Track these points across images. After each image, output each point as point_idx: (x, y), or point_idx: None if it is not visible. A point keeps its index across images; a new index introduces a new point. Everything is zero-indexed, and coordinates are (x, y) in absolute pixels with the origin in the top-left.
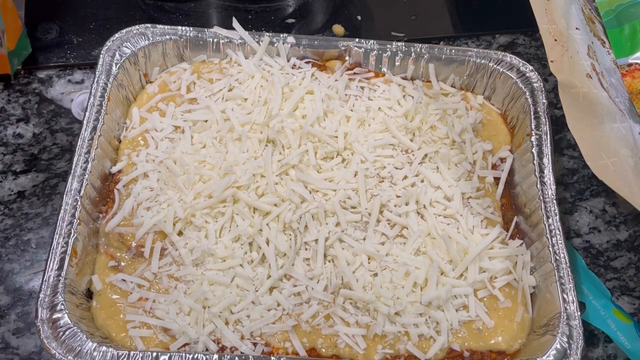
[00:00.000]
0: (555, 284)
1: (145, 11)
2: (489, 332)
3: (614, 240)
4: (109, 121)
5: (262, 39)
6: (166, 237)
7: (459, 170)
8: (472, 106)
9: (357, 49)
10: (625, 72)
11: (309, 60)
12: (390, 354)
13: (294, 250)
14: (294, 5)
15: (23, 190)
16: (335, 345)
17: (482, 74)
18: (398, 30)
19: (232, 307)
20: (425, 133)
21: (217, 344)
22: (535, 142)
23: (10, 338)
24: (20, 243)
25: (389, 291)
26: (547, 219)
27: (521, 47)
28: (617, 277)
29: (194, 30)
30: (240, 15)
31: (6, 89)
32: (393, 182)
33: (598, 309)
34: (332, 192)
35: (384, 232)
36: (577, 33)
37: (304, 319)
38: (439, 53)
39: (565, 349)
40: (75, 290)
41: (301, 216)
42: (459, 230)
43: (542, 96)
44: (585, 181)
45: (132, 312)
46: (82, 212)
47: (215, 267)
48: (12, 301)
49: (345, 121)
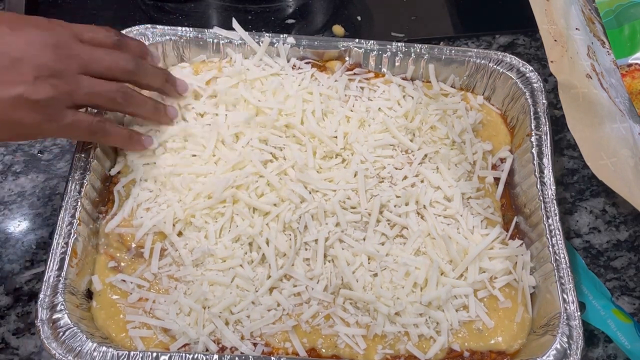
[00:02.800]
0: (555, 284)
1: (145, 12)
2: (489, 332)
3: (614, 240)
4: None
5: (262, 39)
6: (166, 237)
7: (459, 170)
8: (472, 106)
9: (357, 49)
10: (625, 72)
11: (309, 61)
12: (390, 354)
13: (294, 250)
14: (294, 5)
15: (23, 191)
16: (335, 346)
17: (482, 75)
18: (398, 30)
19: (232, 307)
20: (425, 133)
21: (217, 344)
22: (535, 143)
23: (10, 338)
24: (20, 243)
25: (389, 291)
26: (547, 219)
27: (521, 47)
28: (617, 277)
29: (194, 30)
30: (240, 15)
31: None
32: (393, 182)
33: (598, 309)
34: (332, 192)
35: (383, 232)
36: (577, 33)
37: (304, 319)
38: (439, 53)
39: (565, 349)
40: (75, 291)
41: (301, 216)
42: (459, 230)
43: (542, 96)
44: (585, 181)
45: (132, 313)
46: (82, 213)
47: (215, 268)
48: (12, 301)
49: (345, 121)
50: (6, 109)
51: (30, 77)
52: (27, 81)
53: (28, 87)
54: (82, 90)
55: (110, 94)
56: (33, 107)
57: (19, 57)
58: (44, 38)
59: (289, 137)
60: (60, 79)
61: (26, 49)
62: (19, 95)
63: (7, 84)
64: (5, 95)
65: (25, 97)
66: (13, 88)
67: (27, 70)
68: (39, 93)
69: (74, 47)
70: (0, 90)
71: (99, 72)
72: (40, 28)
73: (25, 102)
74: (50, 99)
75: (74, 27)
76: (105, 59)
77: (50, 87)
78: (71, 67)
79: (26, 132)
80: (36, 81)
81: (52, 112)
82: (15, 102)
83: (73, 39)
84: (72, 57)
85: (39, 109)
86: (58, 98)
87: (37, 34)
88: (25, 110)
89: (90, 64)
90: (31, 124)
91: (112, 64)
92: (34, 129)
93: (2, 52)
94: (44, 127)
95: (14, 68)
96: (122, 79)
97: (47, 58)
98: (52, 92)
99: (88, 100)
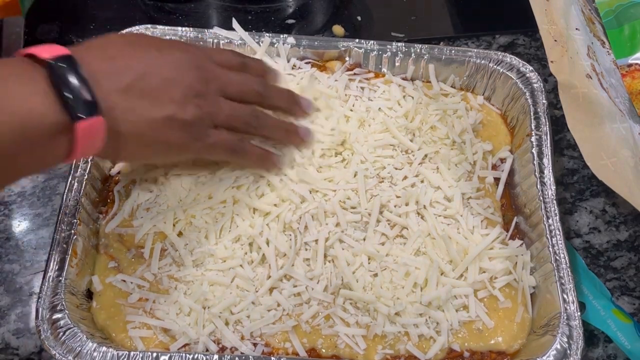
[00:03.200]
0: (555, 284)
1: (145, 12)
2: (489, 332)
3: (614, 240)
4: None
5: (262, 39)
6: (166, 237)
7: (459, 170)
8: (472, 106)
9: (357, 49)
10: (625, 72)
11: (309, 61)
12: (390, 354)
13: (294, 250)
14: (294, 5)
15: (23, 191)
16: (335, 346)
17: (482, 75)
18: (398, 30)
19: (232, 307)
20: (425, 133)
21: (217, 345)
22: (535, 143)
23: (10, 338)
24: (20, 243)
25: (389, 291)
26: (547, 219)
27: (521, 47)
28: (617, 277)
29: (194, 31)
30: (240, 16)
31: None
32: (393, 182)
33: (598, 309)
34: (332, 192)
35: (384, 232)
36: (577, 33)
37: (304, 320)
38: (439, 53)
39: (565, 349)
40: (75, 291)
41: (301, 216)
42: (459, 230)
43: (542, 97)
44: (585, 181)
45: (132, 313)
46: (82, 213)
47: (215, 268)
48: (12, 301)
49: (345, 121)
50: (159, 128)
51: (180, 98)
52: (177, 101)
53: (178, 107)
54: (223, 112)
55: (246, 117)
56: (182, 126)
57: (169, 77)
58: (187, 60)
59: None
60: (204, 100)
61: (174, 70)
62: (171, 115)
63: (160, 103)
64: (158, 114)
65: (176, 117)
66: (165, 107)
67: (176, 90)
68: (187, 113)
69: (212, 69)
70: (154, 110)
71: (232, 94)
72: (182, 50)
73: (175, 121)
74: (196, 119)
75: (207, 50)
76: (238, 81)
77: (196, 107)
78: (211, 88)
79: (173, 151)
80: (185, 101)
81: (197, 132)
82: (167, 121)
83: (210, 62)
84: (212, 79)
85: (187, 129)
86: (203, 118)
87: (180, 56)
88: (175, 129)
89: (227, 86)
90: (179, 144)
91: (244, 87)
92: (180, 149)
93: (154, 73)
94: (191, 146)
95: (165, 88)
96: (252, 100)
97: (191, 79)
98: (198, 113)
99: (227, 121)
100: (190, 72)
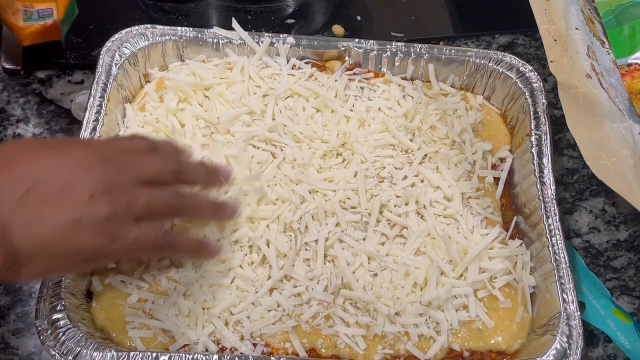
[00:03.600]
0: (555, 284)
1: (145, 12)
2: (489, 332)
3: (614, 240)
4: (108, 122)
5: (262, 39)
6: None
7: (459, 170)
8: (472, 106)
9: (357, 49)
10: (625, 72)
11: (309, 61)
12: (391, 354)
13: (295, 251)
14: (294, 5)
15: None
16: (335, 346)
17: (482, 75)
18: (398, 30)
19: (232, 308)
20: (426, 133)
21: (217, 345)
22: (535, 143)
23: (10, 338)
24: None
25: (389, 291)
26: (547, 219)
27: (521, 47)
28: (617, 277)
29: (193, 31)
30: (240, 15)
31: (6, 90)
32: (393, 182)
33: (598, 309)
34: (332, 192)
35: (384, 232)
36: (577, 33)
37: (304, 320)
38: (439, 53)
39: (565, 349)
40: (75, 291)
41: (301, 217)
42: (459, 230)
43: (542, 96)
44: (585, 181)
45: (132, 314)
46: None
47: (214, 269)
48: (12, 302)
49: (345, 122)
50: (67, 235)
51: (87, 197)
52: (83, 201)
53: (86, 207)
54: (141, 201)
55: (167, 199)
56: (94, 228)
57: (71, 177)
58: (90, 155)
59: (287, 135)
60: (117, 193)
61: (77, 168)
62: (78, 218)
63: (64, 207)
64: (63, 220)
65: (85, 218)
66: (71, 210)
67: (81, 189)
68: (97, 211)
69: (121, 158)
70: (58, 215)
71: (148, 178)
72: (84, 146)
73: (85, 223)
74: (111, 215)
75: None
76: (150, 163)
77: (107, 203)
78: (124, 178)
79: (89, 260)
80: (93, 199)
81: (114, 231)
82: (75, 225)
83: (117, 151)
84: (122, 168)
85: (100, 229)
86: (118, 212)
87: (82, 152)
88: (87, 233)
89: (140, 172)
90: (94, 249)
91: (159, 167)
92: (97, 255)
93: (54, 175)
94: (108, 249)
95: (68, 189)
96: (170, 181)
97: (98, 174)
98: (112, 208)
99: (147, 209)
100: (96, 167)
